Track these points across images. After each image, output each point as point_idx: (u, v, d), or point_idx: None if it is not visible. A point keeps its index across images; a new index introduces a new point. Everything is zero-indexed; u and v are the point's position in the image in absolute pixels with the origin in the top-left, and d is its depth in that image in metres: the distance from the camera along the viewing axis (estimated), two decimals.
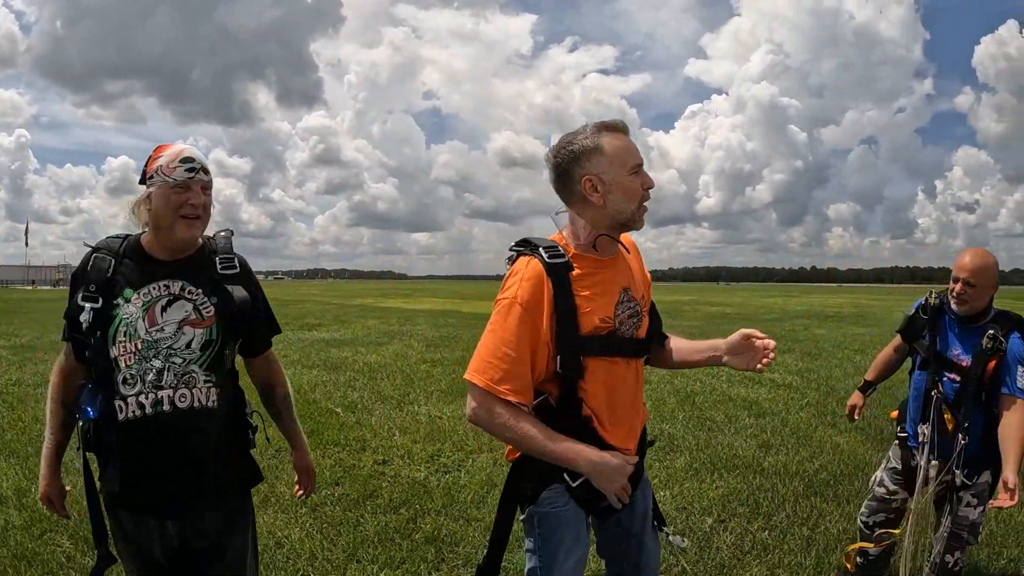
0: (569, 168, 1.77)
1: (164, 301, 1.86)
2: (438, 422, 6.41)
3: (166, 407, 1.85)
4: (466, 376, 1.73)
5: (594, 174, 1.74)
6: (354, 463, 5.08)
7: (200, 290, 1.91)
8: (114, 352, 1.82)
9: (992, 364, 2.66)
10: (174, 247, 1.90)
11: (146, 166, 1.87)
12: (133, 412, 1.82)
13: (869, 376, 3.27)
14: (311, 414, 6.69)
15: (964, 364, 2.73)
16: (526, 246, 1.80)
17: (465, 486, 4.54)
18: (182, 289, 1.89)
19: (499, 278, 1.88)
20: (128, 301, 1.83)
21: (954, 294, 2.73)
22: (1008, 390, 2.64)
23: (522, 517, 1.85)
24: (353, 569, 3.34)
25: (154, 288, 1.86)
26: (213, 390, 1.92)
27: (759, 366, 1.81)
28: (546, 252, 1.73)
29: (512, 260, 1.82)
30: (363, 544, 3.61)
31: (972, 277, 2.67)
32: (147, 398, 1.83)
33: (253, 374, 2.20)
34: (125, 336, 1.83)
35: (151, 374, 1.83)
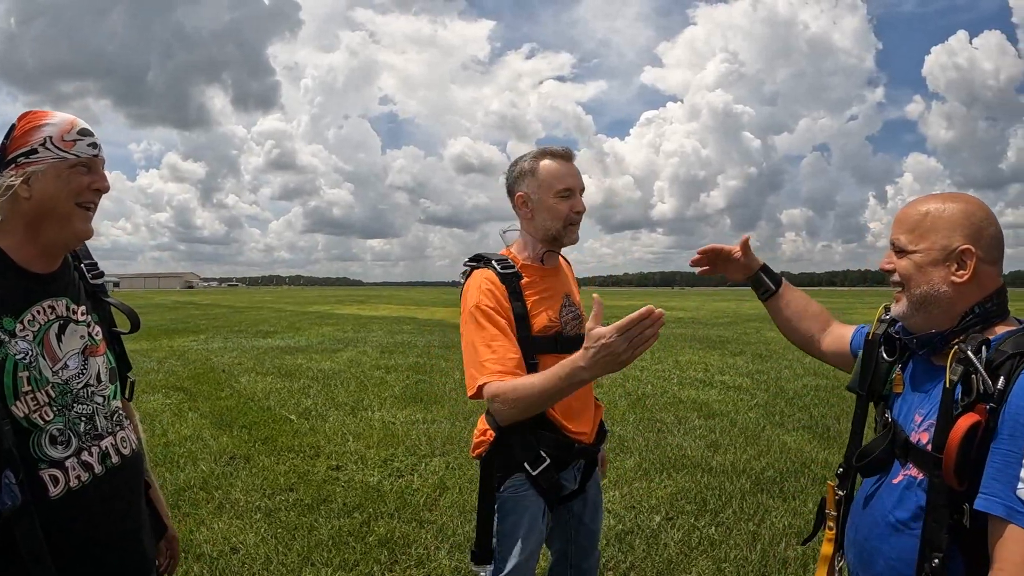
0: (511, 186, 2.05)
1: (55, 328, 1.41)
2: (391, 427, 6.42)
3: (115, 459, 1.46)
4: (471, 394, 1.82)
5: (524, 192, 2.00)
6: (308, 469, 5.07)
7: (83, 308, 1.50)
8: (21, 409, 1.30)
9: (960, 431, 1.16)
10: (54, 250, 1.45)
11: (12, 139, 1.38)
12: (78, 478, 1.36)
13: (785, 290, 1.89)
14: (265, 421, 6.63)
15: (926, 442, 1.28)
16: (479, 260, 2.01)
17: (418, 489, 4.57)
18: (68, 309, 1.45)
19: (454, 284, 2.05)
20: (13, 335, 1.32)
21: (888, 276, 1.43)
22: (995, 505, 1.12)
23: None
24: (307, 572, 3.35)
25: (38, 312, 1.38)
26: (129, 427, 1.57)
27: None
28: (498, 264, 1.95)
29: (467, 275, 2.01)
30: (317, 548, 3.62)
31: (904, 233, 1.36)
32: (92, 454, 1.40)
33: None
34: (31, 384, 1.32)
35: (82, 423, 1.40)
